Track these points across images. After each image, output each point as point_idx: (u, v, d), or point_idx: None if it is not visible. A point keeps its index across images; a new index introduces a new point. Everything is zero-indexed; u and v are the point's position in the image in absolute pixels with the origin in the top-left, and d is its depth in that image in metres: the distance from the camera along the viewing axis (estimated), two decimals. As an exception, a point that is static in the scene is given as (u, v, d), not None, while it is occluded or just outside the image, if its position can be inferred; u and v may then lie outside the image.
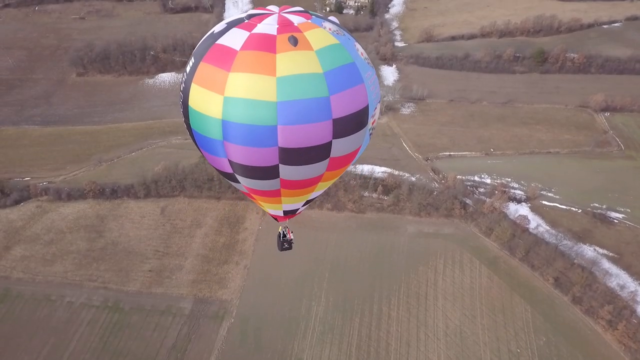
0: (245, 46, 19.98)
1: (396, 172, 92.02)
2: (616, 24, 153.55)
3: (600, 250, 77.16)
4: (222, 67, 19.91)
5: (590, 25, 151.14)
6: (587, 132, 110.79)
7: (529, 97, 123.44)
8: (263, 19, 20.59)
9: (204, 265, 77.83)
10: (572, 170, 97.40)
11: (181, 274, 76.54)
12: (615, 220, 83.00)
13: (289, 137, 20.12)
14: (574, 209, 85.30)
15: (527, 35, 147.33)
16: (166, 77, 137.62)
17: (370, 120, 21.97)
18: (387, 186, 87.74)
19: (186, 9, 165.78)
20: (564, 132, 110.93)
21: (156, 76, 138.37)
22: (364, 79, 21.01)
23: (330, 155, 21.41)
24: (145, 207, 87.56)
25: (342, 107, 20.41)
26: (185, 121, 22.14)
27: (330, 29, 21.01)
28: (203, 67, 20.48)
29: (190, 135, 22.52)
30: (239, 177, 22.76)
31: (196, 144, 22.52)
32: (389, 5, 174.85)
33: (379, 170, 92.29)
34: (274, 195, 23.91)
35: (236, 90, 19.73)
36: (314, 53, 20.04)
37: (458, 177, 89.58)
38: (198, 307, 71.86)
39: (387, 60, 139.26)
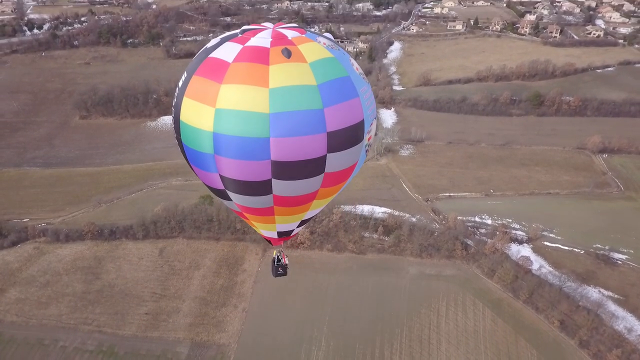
0: (237, 58, 19.63)
1: (396, 213, 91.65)
2: (609, 69, 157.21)
3: (605, 292, 75.78)
4: (214, 80, 19.52)
5: (584, 70, 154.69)
6: (586, 174, 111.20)
7: (527, 139, 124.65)
8: (257, 33, 20.41)
9: (201, 308, 76.20)
10: (573, 211, 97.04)
11: (178, 317, 74.81)
12: (619, 262, 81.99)
13: (281, 150, 19.41)
14: (576, 250, 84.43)
15: (523, 79, 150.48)
16: (168, 120, 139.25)
17: (366, 136, 21.32)
18: (387, 227, 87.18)
19: (189, 54, 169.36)
20: (563, 174, 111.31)
21: (158, 119, 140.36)
22: (359, 93, 20.55)
23: (325, 171, 20.72)
24: (144, 248, 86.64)
25: (337, 120, 19.84)
26: (176, 137, 21.43)
27: (324, 44, 20.75)
28: (195, 80, 20.11)
29: (181, 151, 21.78)
30: (230, 194, 21.91)
31: (187, 159, 21.79)
32: (387, 51, 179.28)
33: (380, 211, 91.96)
34: (267, 213, 22.99)
35: (228, 102, 19.20)
36: (308, 65, 19.71)
37: (459, 217, 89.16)
38: (195, 351, 69.83)
39: (386, 103, 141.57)
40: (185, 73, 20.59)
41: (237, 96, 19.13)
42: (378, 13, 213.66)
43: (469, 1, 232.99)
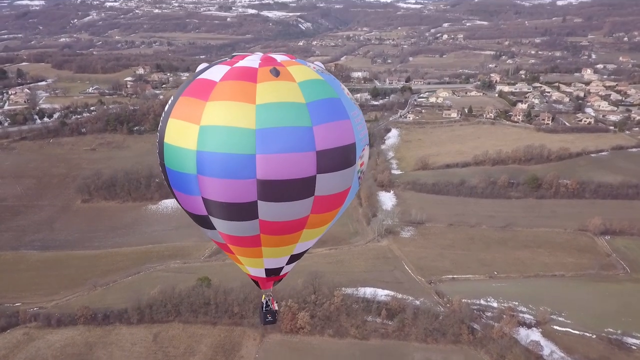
0: (224, 77, 19.24)
1: (400, 296, 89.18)
2: (603, 153, 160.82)
3: (623, 380, 71.72)
4: (199, 98, 18.93)
5: (578, 154, 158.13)
6: (590, 255, 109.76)
7: (528, 221, 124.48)
8: (246, 57, 20.33)
9: (195, 399, 71.71)
10: (580, 294, 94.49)
11: (170, 409, 70.16)
12: (634, 347, 78.39)
13: (268, 168, 18.26)
14: (587, 334, 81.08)
15: (519, 163, 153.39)
16: (169, 203, 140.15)
17: (359, 162, 20.39)
18: (390, 310, 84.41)
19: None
20: (567, 256, 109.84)
21: (159, 202, 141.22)
22: (350, 116, 19.84)
23: (315, 194, 19.41)
24: (137, 333, 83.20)
25: (327, 139, 18.86)
26: (160, 163, 20.42)
27: (314, 68, 20.49)
28: (181, 100, 19.55)
29: (164, 177, 20.76)
30: (214, 220, 20.37)
31: (169, 184, 20.58)
32: (385, 138, 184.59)
33: (382, 294, 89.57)
34: (254, 244, 21.21)
35: (213, 119, 18.38)
36: (297, 84, 19.16)
37: (463, 300, 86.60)
38: None
39: (385, 186, 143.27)
40: (172, 97, 20.20)
41: (222, 112, 18.43)
42: (375, 102, 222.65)
43: (462, 91, 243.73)
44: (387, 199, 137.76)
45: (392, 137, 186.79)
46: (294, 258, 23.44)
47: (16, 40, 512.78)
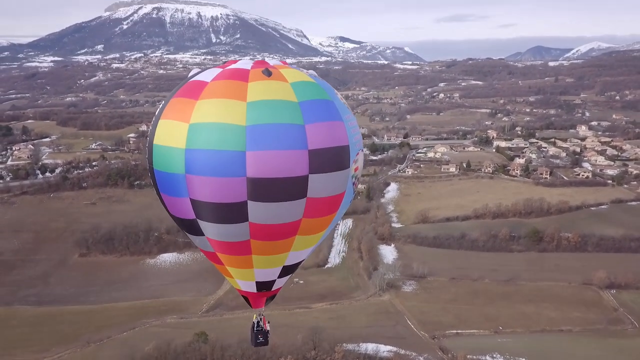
0: (216, 78, 19.16)
1: (403, 352, 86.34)
2: (603, 207, 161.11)
3: None
4: (190, 97, 18.70)
5: (578, 208, 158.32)
6: (596, 310, 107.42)
7: (531, 274, 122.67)
8: (238, 61, 20.42)
9: None
10: (590, 350, 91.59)
11: None
12: (648, 405, 75.05)
13: (258, 165, 17.71)
14: (599, 392, 77.87)
15: (519, 217, 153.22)
16: (167, 257, 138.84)
17: (353, 166, 19.92)
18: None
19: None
20: (573, 310, 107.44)
21: (158, 256, 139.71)
22: (343, 118, 19.57)
23: (307, 195, 18.73)
24: (130, 392, 79.83)
25: (319, 138, 18.42)
26: (149, 168, 19.93)
27: (307, 73, 20.56)
28: (172, 102, 19.34)
29: (152, 182, 20.19)
30: (202, 224, 19.51)
31: (157, 188, 19.94)
32: (384, 191, 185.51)
33: (384, 349, 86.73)
34: (244, 251, 20.16)
35: (202, 116, 18.06)
36: (289, 84, 18.97)
37: (468, 356, 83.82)
38: None
39: (386, 239, 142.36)
40: (164, 101, 20.13)
41: (212, 109, 18.11)
42: (374, 157, 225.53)
43: (460, 147, 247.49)
44: (388, 253, 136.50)
45: (392, 191, 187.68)
46: (286, 270, 22.29)
47: (24, 100, 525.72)
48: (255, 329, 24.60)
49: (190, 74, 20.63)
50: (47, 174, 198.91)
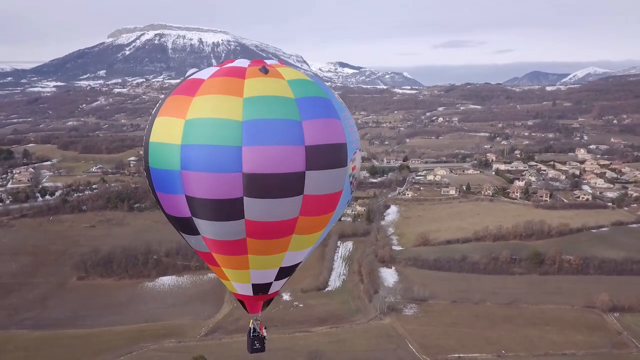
0: (213, 75, 19.24)
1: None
2: (604, 229, 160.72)
3: None
4: (187, 94, 18.73)
5: (579, 230, 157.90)
6: (600, 333, 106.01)
7: (533, 297, 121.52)
8: (235, 61, 20.51)
9: None
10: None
11: None
12: None
13: (254, 160, 17.54)
14: (605, 417, 76.31)
15: (520, 239, 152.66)
16: (166, 280, 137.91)
17: (350, 164, 19.77)
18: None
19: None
20: (576, 333, 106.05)
21: (156, 279, 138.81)
22: (340, 117, 19.54)
23: (304, 192, 18.56)
24: (127, 418, 78.24)
25: (316, 135, 18.34)
26: (145, 168, 19.89)
27: (304, 72, 20.83)
28: (169, 100, 19.39)
29: (148, 182, 19.99)
30: (198, 222, 19.23)
31: (152, 188, 19.82)
32: (384, 214, 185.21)
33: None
34: (240, 251, 19.85)
35: (198, 112, 18.00)
36: (286, 82, 18.97)
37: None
38: None
39: (386, 262, 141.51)
40: (161, 100, 20.15)
41: (209, 105, 18.07)
42: (374, 180, 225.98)
43: (459, 170, 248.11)
44: (389, 275, 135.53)
45: (392, 213, 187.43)
46: (283, 272, 21.91)
47: (26, 124, 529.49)
48: (251, 334, 24.21)
49: (188, 73, 21.00)
50: (47, 196, 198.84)
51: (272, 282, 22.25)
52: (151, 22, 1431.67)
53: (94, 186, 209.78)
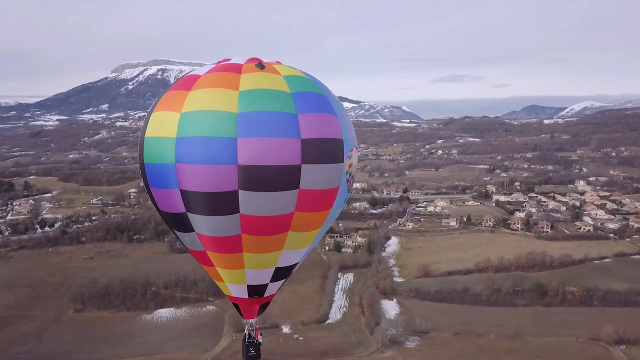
0: (209, 71, 19.38)
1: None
2: (606, 260, 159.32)
3: None
4: (183, 89, 18.83)
5: (581, 261, 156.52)
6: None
7: (537, 330, 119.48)
8: (232, 59, 20.60)
9: None
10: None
11: None
12: None
13: (250, 152, 17.46)
14: None
15: (522, 270, 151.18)
16: (164, 313, 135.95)
17: (347, 161, 19.67)
18: None
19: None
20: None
21: (154, 312, 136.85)
22: (337, 114, 19.51)
23: (300, 186, 18.37)
24: None
25: (312, 129, 18.27)
26: (140, 165, 19.70)
27: (301, 71, 20.58)
28: (165, 96, 19.53)
29: (143, 179, 19.81)
30: (192, 218, 18.97)
31: (147, 184, 19.64)
32: (385, 245, 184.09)
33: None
34: (234, 248, 19.46)
35: (194, 105, 18.08)
36: (282, 77, 19.05)
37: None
38: None
39: (387, 294, 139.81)
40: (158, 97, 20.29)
41: (204, 98, 18.09)
42: (374, 211, 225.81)
43: (459, 201, 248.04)
44: (390, 308, 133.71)
45: (393, 244, 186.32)
46: (279, 273, 21.47)
47: (27, 157, 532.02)
48: (246, 340, 23.69)
49: (184, 73, 21.26)
50: (47, 228, 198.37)
51: (267, 284, 21.83)
52: (154, 58, 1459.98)
53: (93, 218, 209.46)
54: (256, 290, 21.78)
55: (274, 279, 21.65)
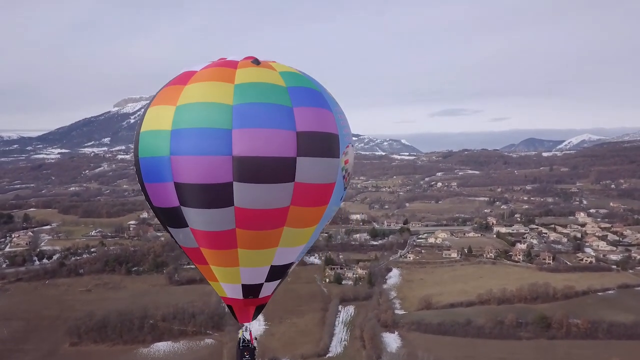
0: (206, 67, 19.64)
1: None
2: (610, 292, 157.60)
3: None
4: (179, 84, 19.08)
5: (584, 293, 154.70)
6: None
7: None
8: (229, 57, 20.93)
9: None
10: None
11: None
12: None
13: (244, 143, 17.48)
14: None
15: (525, 302, 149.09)
16: (162, 346, 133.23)
17: (343, 157, 19.63)
18: None
19: (191, 281, 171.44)
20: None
21: (151, 345, 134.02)
22: (333, 110, 19.62)
23: (295, 179, 18.26)
24: None
25: (308, 121, 18.34)
26: (134, 162, 19.64)
27: (297, 70, 20.74)
28: (162, 91, 19.75)
29: (137, 175, 19.73)
30: (186, 212, 18.76)
31: (141, 179, 19.51)
32: (386, 277, 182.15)
33: None
34: (229, 244, 19.19)
35: (189, 98, 18.33)
36: (277, 72, 19.27)
37: None
38: None
39: (389, 327, 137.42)
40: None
41: (200, 91, 18.33)
42: (375, 242, 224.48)
43: (460, 233, 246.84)
44: (392, 341, 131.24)
45: (394, 276, 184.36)
46: (274, 272, 21.10)
47: (28, 190, 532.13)
48: (241, 345, 23.13)
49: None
50: (45, 260, 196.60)
51: (263, 284, 21.40)
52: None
53: (92, 249, 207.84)
54: (251, 291, 21.42)
55: (270, 278, 21.28)
